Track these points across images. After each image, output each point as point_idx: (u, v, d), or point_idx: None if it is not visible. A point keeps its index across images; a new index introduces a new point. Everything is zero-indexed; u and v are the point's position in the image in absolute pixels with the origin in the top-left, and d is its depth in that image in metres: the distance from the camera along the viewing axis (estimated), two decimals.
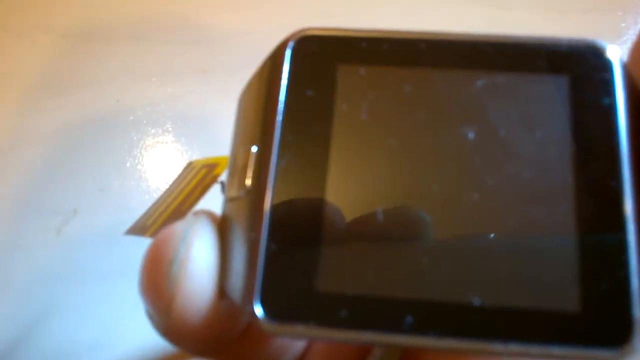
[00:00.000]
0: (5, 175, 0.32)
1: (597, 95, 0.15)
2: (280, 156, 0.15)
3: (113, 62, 0.35)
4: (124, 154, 0.33)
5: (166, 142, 0.34)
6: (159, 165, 0.33)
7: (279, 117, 0.15)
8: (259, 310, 0.14)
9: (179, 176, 0.19)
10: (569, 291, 0.14)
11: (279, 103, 0.15)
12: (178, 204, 0.19)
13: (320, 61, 0.16)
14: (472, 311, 0.14)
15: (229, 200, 0.16)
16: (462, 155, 0.15)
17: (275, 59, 0.16)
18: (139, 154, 0.33)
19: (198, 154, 0.33)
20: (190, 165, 0.19)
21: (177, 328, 0.15)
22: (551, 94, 0.15)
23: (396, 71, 0.15)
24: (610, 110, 0.15)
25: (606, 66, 0.15)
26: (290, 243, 0.14)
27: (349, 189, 0.15)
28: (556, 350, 0.13)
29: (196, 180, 0.19)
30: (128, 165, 0.33)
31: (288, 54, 0.16)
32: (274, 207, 0.14)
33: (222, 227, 0.16)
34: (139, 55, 0.35)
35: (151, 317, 0.16)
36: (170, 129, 0.34)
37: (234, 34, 0.35)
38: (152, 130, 0.34)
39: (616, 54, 0.15)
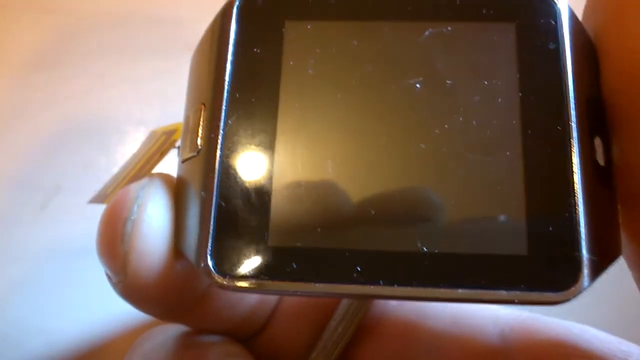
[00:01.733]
0: None
1: (543, 40, 0.15)
2: (228, 115, 0.15)
3: (97, 39, 0.35)
4: (109, 130, 0.33)
5: (152, 119, 0.33)
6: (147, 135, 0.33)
7: (227, 76, 0.15)
8: (211, 265, 0.14)
9: (142, 145, 0.19)
10: (517, 235, 0.14)
11: (227, 61, 0.15)
12: (137, 170, 0.19)
13: (268, 17, 0.15)
14: (421, 259, 0.14)
15: (182, 162, 0.16)
16: (410, 106, 0.15)
17: (222, 17, 0.16)
18: (124, 131, 0.33)
19: None
20: (152, 134, 0.19)
21: (133, 288, 0.15)
22: (498, 42, 0.15)
23: (343, 25, 0.15)
24: (555, 55, 0.15)
25: (552, 12, 0.15)
26: (240, 200, 0.14)
27: (297, 144, 0.15)
28: (504, 294, 0.13)
29: (156, 147, 0.19)
30: (113, 141, 0.33)
31: (235, 11, 0.15)
32: (223, 166, 0.14)
33: (177, 187, 0.16)
34: (124, 32, 0.35)
35: (109, 279, 0.16)
36: (156, 105, 0.34)
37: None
38: (138, 106, 0.34)
39: (563, 1, 0.15)
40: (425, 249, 0.14)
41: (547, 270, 0.13)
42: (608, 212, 0.15)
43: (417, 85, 0.15)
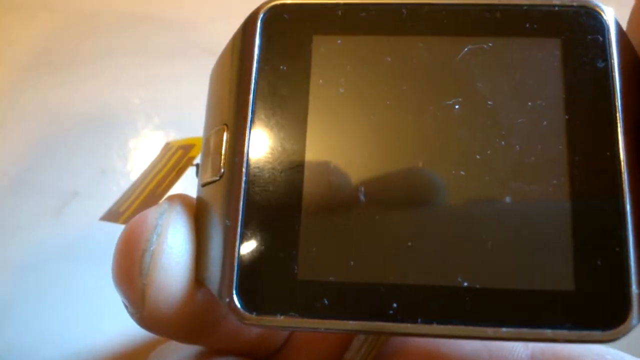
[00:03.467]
0: (5, 152, 0.31)
1: (590, 58, 0.14)
2: (253, 138, 0.14)
3: (112, 40, 0.34)
4: (127, 135, 0.32)
5: (172, 122, 0.33)
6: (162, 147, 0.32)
7: (251, 96, 0.14)
8: (237, 302, 0.13)
9: (156, 158, 0.18)
10: (563, 270, 0.13)
11: (251, 80, 0.14)
12: (152, 187, 0.18)
13: (293, 32, 0.15)
14: (462, 294, 0.13)
15: (203, 185, 0.15)
16: (449, 127, 0.14)
17: (245, 31, 0.15)
18: (142, 135, 0.33)
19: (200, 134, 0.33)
20: (167, 146, 0.18)
21: (151, 319, 0.14)
22: (543, 59, 0.14)
23: (375, 40, 0.14)
24: (604, 74, 0.14)
25: (600, 28, 0.14)
26: (267, 230, 0.13)
27: (327, 170, 0.14)
28: (550, 333, 0.13)
29: (172, 162, 0.18)
30: (131, 146, 0.32)
31: (259, 24, 0.15)
32: (249, 193, 0.14)
33: (198, 212, 0.15)
34: (140, 33, 0.34)
35: (126, 307, 0.15)
36: (173, 109, 0.33)
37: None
38: (155, 111, 0.33)
39: (610, 15, 0.14)
40: (466, 284, 0.13)
41: (594, 308, 0.13)
42: None
43: (456, 107, 0.14)
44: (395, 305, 0.13)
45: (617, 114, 0.13)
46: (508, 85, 0.14)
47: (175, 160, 0.18)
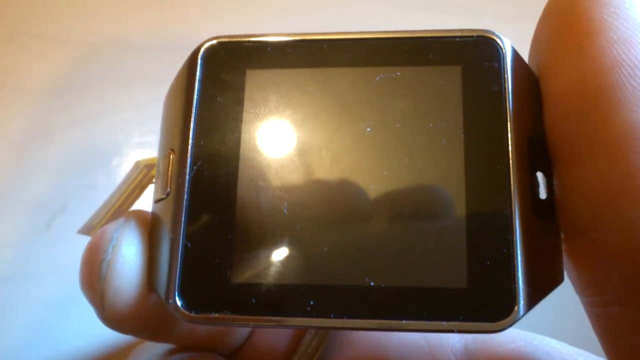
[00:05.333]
0: None
1: (486, 83, 0.15)
2: (194, 162, 0.16)
3: (102, 67, 0.37)
4: (111, 153, 0.35)
5: (151, 142, 0.35)
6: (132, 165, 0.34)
7: (192, 124, 0.16)
8: (178, 303, 0.15)
9: (126, 175, 0.20)
10: (458, 269, 0.15)
11: (193, 109, 0.16)
12: (120, 203, 0.20)
13: (230, 67, 0.16)
14: (368, 292, 0.15)
15: (155, 202, 0.17)
16: (361, 147, 0.16)
17: (188, 67, 0.17)
18: (125, 153, 0.35)
19: None
20: (136, 164, 0.21)
21: (111, 319, 0.17)
22: (445, 85, 0.16)
23: (299, 72, 0.16)
24: (498, 97, 0.15)
25: (496, 55, 0.15)
26: (205, 241, 0.16)
27: (257, 189, 0.16)
28: (445, 325, 0.14)
29: (137, 180, 0.20)
30: (114, 163, 0.35)
31: (199, 61, 0.17)
32: (189, 210, 0.16)
33: (152, 226, 0.17)
34: (124, 59, 0.37)
35: (93, 309, 0.18)
36: (154, 129, 0.35)
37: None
38: (138, 130, 0.35)
39: (507, 43, 0.16)
40: (372, 283, 0.15)
41: (484, 302, 0.14)
42: (548, 243, 0.16)
43: (368, 129, 0.16)
44: (312, 302, 0.15)
45: (508, 132, 0.15)
46: (414, 109, 0.16)
47: (140, 178, 0.20)
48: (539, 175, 0.16)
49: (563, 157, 0.15)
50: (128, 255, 0.16)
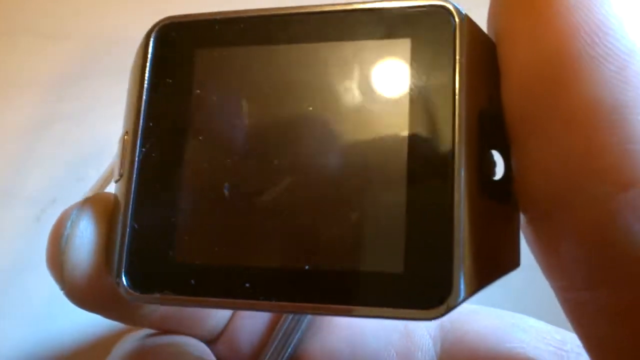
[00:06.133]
0: None
1: (435, 55, 0.14)
2: (142, 144, 0.16)
3: (94, 62, 0.37)
4: (101, 146, 0.35)
5: None
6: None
7: (143, 107, 0.16)
8: (124, 281, 0.16)
9: (110, 163, 0.21)
10: (394, 253, 0.14)
11: (143, 92, 0.16)
12: (97, 188, 0.21)
13: (180, 47, 0.16)
14: (303, 276, 0.15)
15: (115, 182, 0.18)
16: (305, 128, 0.15)
17: (142, 47, 0.17)
18: (114, 146, 0.35)
19: None
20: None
21: (72, 293, 0.18)
22: (394, 58, 0.15)
23: (246, 50, 0.16)
24: (447, 69, 0.14)
25: (447, 26, 0.15)
26: (151, 222, 0.16)
27: (201, 171, 0.16)
28: (376, 311, 0.14)
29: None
30: (105, 157, 0.35)
31: (151, 42, 0.17)
32: (137, 191, 0.16)
33: (113, 208, 0.17)
34: (115, 53, 0.37)
35: (57, 284, 0.19)
36: None
37: None
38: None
39: (458, 12, 0.15)
40: (307, 267, 0.15)
41: (419, 288, 0.14)
42: (502, 226, 0.15)
43: (310, 108, 0.15)
44: (247, 284, 0.15)
45: (456, 106, 0.14)
46: (360, 85, 0.15)
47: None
48: (496, 155, 0.15)
49: (520, 133, 0.14)
50: (84, 230, 0.17)
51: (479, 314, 0.22)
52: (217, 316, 0.23)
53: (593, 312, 0.14)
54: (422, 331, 0.22)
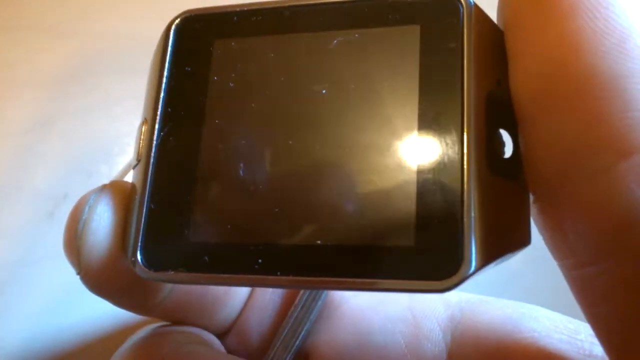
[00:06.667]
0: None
1: (444, 40, 0.15)
2: (160, 130, 0.17)
3: (104, 59, 0.37)
4: (111, 142, 0.36)
5: None
6: None
7: (162, 95, 0.17)
8: (139, 259, 0.16)
9: None
10: (405, 227, 0.14)
11: (163, 81, 0.17)
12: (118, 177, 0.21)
13: (199, 38, 0.17)
14: (315, 250, 0.15)
15: (133, 167, 0.18)
16: (317, 112, 0.16)
17: (164, 38, 0.17)
18: (126, 142, 0.36)
19: None
20: None
21: (88, 278, 0.18)
22: (403, 45, 0.15)
23: (262, 40, 0.17)
24: (456, 54, 0.15)
25: (456, 12, 0.15)
26: (168, 204, 0.16)
27: (218, 155, 0.16)
28: (391, 283, 0.14)
29: None
30: (115, 152, 0.35)
31: (172, 33, 0.17)
32: (155, 174, 0.16)
33: (130, 193, 0.18)
34: (125, 50, 0.37)
35: (73, 269, 0.19)
36: None
37: None
38: (138, 120, 0.36)
39: (466, 0, 0.15)
40: (319, 242, 0.15)
41: (430, 260, 0.14)
42: (512, 203, 0.16)
43: (324, 92, 0.16)
44: (260, 260, 0.15)
45: (464, 88, 0.14)
46: (371, 70, 0.15)
47: None
48: (505, 135, 0.16)
49: (526, 112, 0.15)
50: (102, 213, 0.17)
51: (489, 304, 0.22)
52: (227, 308, 0.23)
53: (601, 287, 0.14)
54: (432, 322, 0.22)
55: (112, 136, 0.35)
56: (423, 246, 0.14)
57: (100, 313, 0.32)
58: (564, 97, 0.14)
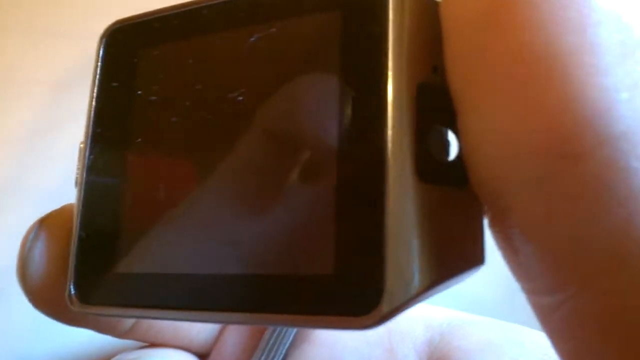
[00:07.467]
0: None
1: (368, 26, 0.13)
2: (90, 153, 0.16)
3: None
4: None
5: None
6: None
7: (92, 113, 0.16)
8: (72, 293, 0.15)
9: None
10: (324, 253, 0.12)
11: (93, 101, 0.16)
12: None
13: (124, 50, 0.16)
14: (232, 282, 0.13)
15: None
16: (234, 117, 0.14)
17: (95, 54, 0.16)
18: None
19: None
20: None
21: (36, 305, 0.18)
22: (323, 34, 0.13)
23: (182, 45, 0.15)
24: (379, 39, 0.12)
25: None
26: (96, 232, 0.15)
27: (141, 177, 0.15)
28: (302, 319, 0.12)
29: None
30: None
31: (101, 50, 0.16)
32: (84, 201, 0.16)
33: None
34: None
35: None
36: None
37: None
38: None
39: None
40: (234, 272, 0.13)
41: (349, 293, 0.12)
42: (456, 215, 0.13)
43: (240, 98, 0.14)
44: (182, 294, 0.14)
45: (388, 79, 0.12)
46: (289, 69, 0.13)
47: None
48: (448, 133, 0.13)
49: (459, 105, 0.12)
50: (40, 246, 0.17)
51: (473, 325, 0.20)
52: (205, 329, 0.23)
53: (562, 321, 0.11)
54: (408, 347, 0.20)
55: None
56: (343, 275, 0.12)
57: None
58: (492, 80, 0.11)
